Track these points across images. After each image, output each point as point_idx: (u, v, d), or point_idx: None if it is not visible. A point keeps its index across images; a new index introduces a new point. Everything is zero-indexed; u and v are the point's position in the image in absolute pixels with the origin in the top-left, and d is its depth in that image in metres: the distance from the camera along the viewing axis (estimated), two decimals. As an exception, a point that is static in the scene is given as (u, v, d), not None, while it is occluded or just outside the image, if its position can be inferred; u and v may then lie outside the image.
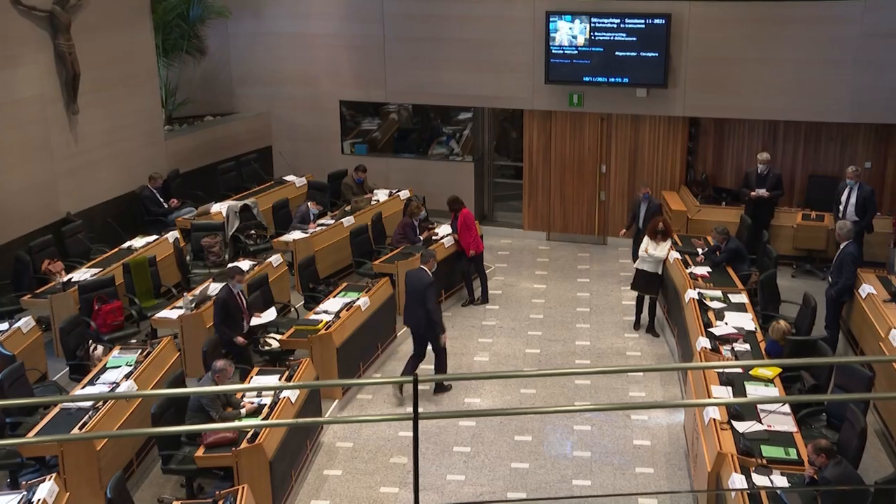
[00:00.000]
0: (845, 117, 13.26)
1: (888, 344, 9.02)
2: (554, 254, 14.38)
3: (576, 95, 14.19)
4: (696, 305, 10.00)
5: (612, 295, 12.73)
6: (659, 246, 11.35)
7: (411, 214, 12.59)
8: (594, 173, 14.55)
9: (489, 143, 15.73)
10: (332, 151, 15.68)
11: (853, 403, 7.64)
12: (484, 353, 11.15)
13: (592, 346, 11.28)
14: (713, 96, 13.65)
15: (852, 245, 10.47)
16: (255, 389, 8.40)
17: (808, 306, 9.82)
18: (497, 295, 12.75)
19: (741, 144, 14.27)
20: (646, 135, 14.24)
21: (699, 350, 8.99)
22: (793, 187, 13.96)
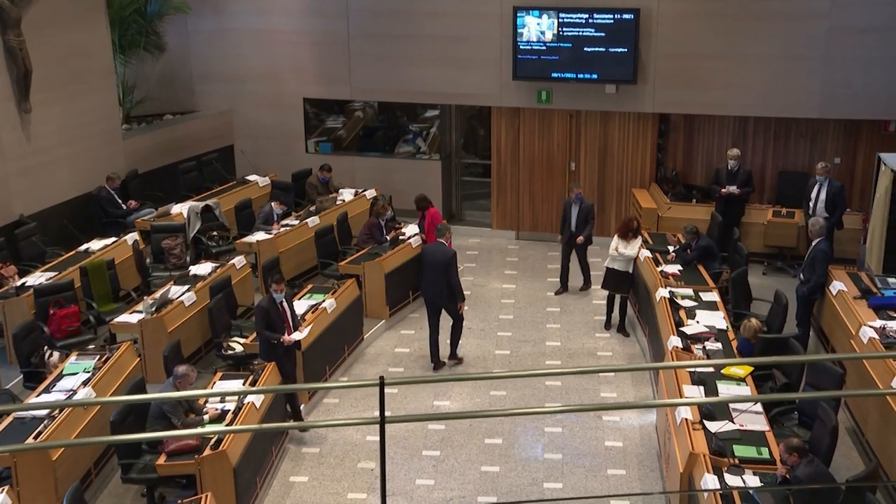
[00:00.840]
0: (815, 113, 13.43)
1: (858, 341, 9.14)
2: (523, 253, 14.41)
3: (544, 92, 14.24)
4: (667, 304, 10.07)
5: (583, 294, 12.78)
6: (629, 244, 11.42)
7: (377, 214, 12.56)
8: (563, 171, 14.61)
9: (457, 141, 15.73)
10: (296, 150, 15.61)
11: (824, 401, 7.73)
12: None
13: (563, 346, 11.31)
14: (683, 92, 13.76)
15: (824, 242, 10.59)
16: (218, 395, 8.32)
17: (780, 304, 9.93)
18: (466, 296, 12.74)
19: (711, 141, 14.40)
20: (615, 131, 14.32)
21: (671, 349, 9.05)
22: (763, 184, 14.11)
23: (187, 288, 10.78)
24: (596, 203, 14.55)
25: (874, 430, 8.49)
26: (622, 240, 11.42)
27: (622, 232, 11.44)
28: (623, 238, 11.41)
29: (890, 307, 9.69)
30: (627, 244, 11.41)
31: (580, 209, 12.18)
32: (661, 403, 9.11)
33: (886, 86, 13.01)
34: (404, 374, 10.64)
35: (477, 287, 13.09)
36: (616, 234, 11.55)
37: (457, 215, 15.75)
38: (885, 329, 9.10)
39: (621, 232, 11.46)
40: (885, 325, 9.19)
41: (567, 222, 12.30)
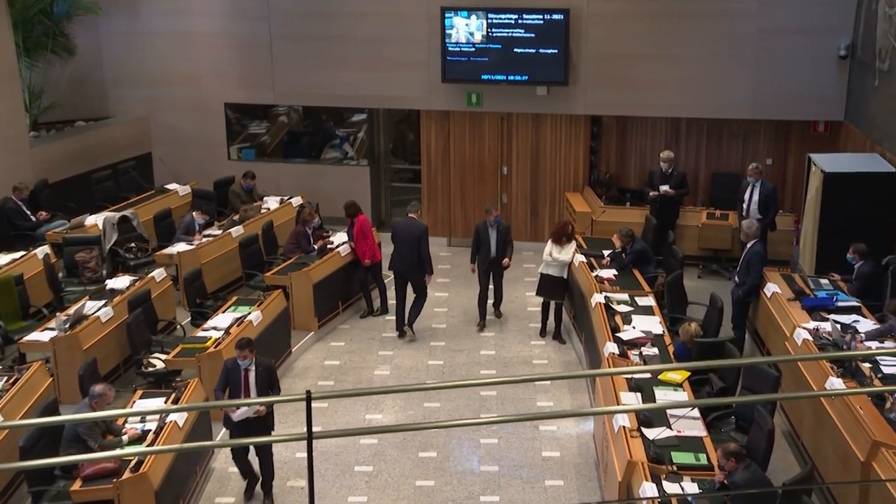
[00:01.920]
0: (746, 114, 13.75)
1: (793, 343, 9.36)
2: (456, 260, 14.44)
3: (474, 94, 14.31)
4: (602, 310, 10.19)
5: (517, 301, 12.86)
6: (564, 249, 11.52)
7: (304, 222, 12.48)
8: (495, 175, 14.70)
9: (385, 146, 15.71)
10: (218, 157, 15.41)
11: (760, 405, 7.90)
12: (385, 366, 11.10)
13: (498, 355, 11.36)
14: (615, 94, 13.96)
15: (759, 244, 10.84)
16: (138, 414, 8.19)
17: (715, 307, 10.12)
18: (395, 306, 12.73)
19: (644, 143, 14.64)
20: (547, 134, 14.46)
21: (607, 356, 9.15)
22: (697, 186, 14.38)
23: (104, 303, 10.56)
24: (529, 207, 14.69)
25: (809, 433, 8.70)
26: (556, 244, 11.52)
27: (556, 236, 11.54)
28: (557, 243, 11.51)
29: (823, 308, 9.94)
30: (562, 249, 11.51)
31: (498, 232, 11.67)
32: (598, 411, 9.20)
33: (815, 86, 13.39)
34: (334, 388, 10.57)
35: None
36: (550, 239, 11.64)
37: (387, 222, 15.71)
38: (819, 330, 9.33)
39: (555, 236, 11.55)
40: (818, 327, 9.42)
41: (485, 247, 11.70)
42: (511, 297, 12.92)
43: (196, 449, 8.58)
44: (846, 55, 13.20)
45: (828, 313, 9.81)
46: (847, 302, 10.07)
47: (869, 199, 11.40)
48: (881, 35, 12.15)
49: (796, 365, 8.99)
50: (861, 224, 11.29)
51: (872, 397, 7.96)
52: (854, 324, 9.46)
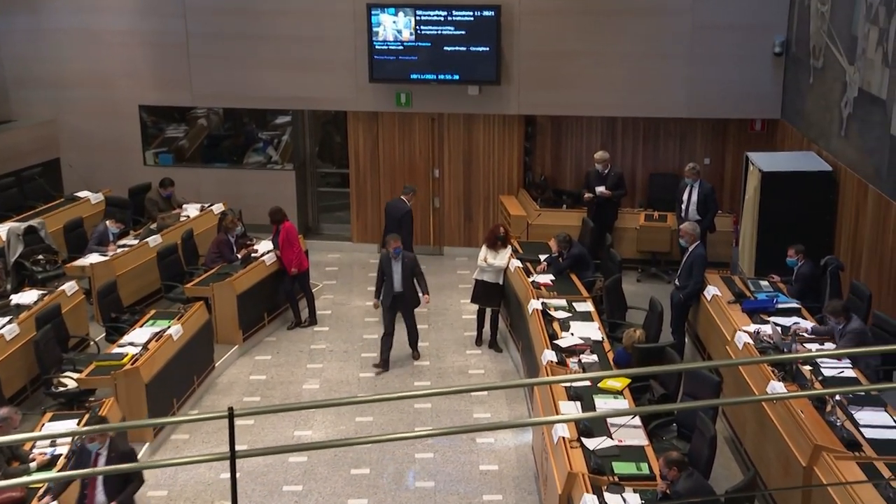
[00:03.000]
0: (682, 112, 13.98)
1: (734, 347, 9.52)
2: (387, 267, 14.40)
3: (403, 94, 14.30)
4: (539, 316, 10.25)
5: (452, 309, 12.87)
6: (499, 254, 11.56)
7: (226, 230, 12.36)
8: (426, 178, 14.71)
9: (311, 149, 15.62)
10: (133, 162, 15.15)
11: (702, 411, 8.01)
12: (314, 379, 11.02)
13: (432, 365, 11.35)
14: (548, 93, 14.08)
15: (701, 247, 11.01)
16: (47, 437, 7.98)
17: (655, 312, 10.24)
18: (326, 315, 12.65)
19: (580, 143, 14.78)
20: (480, 135, 14.52)
21: (545, 364, 9.21)
22: (634, 187, 14.58)
23: (9, 319, 10.29)
24: (462, 211, 14.73)
25: (751, 439, 8.86)
26: (490, 249, 11.56)
27: (490, 241, 11.58)
28: (491, 248, 11.55)
29: (763, 310, 10.14)
30: (496, 254, 11.55)
31: (403, 265, 10.98)
32: (536, 422, 9.25)
33: (751, 84, 13.67)
34: (261, 404, 10.45)
35: (338, 306, 13.00)
36: (484, 244, 11.68)
37: (314, 229, 15.61)
38: (759, 333, 9.51)
39: (489, 241, 11.59)
40: (759, 329, 9.60)
41: (388, 281, 10.98)
42: (445, 305, 12.93)
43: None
44: (781, 52, 13.51)
45: (768, 315, 10.01)
46: (787, 304, 10.29)
47: (806, 199, 11.69)
48: (814, 32, 12.47)
49: (738, 369, 9.15)
50: (799, 224, 11.57)
51: (813, 401, 8.13)
52: (795, 326, 9.67)
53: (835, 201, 11.68)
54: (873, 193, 10.62)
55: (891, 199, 10.20)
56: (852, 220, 11.24)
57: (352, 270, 14.36)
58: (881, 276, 10.45)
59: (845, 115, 11.42)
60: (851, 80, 11.23)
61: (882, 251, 10.44)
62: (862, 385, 8.47)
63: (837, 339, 9.13)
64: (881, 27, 10.46)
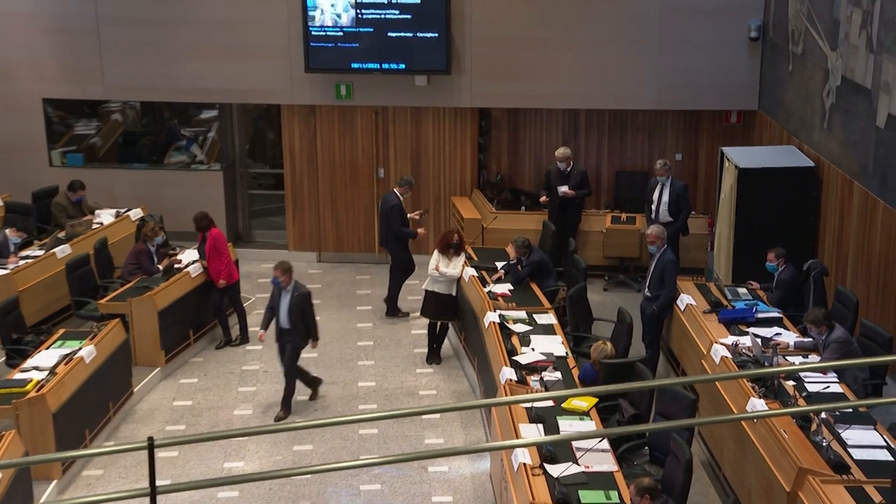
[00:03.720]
0: (651, 104, 14.13)
1: (710, 361, 9.62)
2: (327, 278, 14.37)
3: (344, 86, 14.28)
4: (497, 330, 10.27)
5: (400, 324, 12.87)
6: (452, 262, 11.58)
7: (146, 238, 12.26)
8: (370, 179, 14.69)
9: (241, 147, 15.54)
10: (37, 163, 14.95)
11: (676, 432, 8.08)
12: (246, 404, 10.97)
13: (378, 386, 11.34)
14: (504, 83, 14.14)
15: (670, 252, 11.09)
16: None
17: (624, 323, 10.32)
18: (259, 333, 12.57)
19: (539, 139, 14.87)
20: (429, 130, 14.54)
21: (503, 383, 9.23)
22: (599, 186, 14.70)
23: None
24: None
25: (730, 462, 8.95)
26: (443, 257, 11.57)
27: (441, 247, 11.60)
28: (443, 255, 11.57)
29: (742, 321, 10.25)
30: (449, 262, 11.57)
31: (291, 298, 10.46)
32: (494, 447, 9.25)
33: (725, 72, 13.86)
34: (186, 433, 10.36)
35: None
36: (435, 251, 11.69)
37: (245, 236, 15.52)
38: (738, 346, 9.61)
39: (441, 247, 11.61)
40: (737, 342, 9.70)
41: (277, 314, 10.60)
42: (392, 320, 12.93)
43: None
44: (757, 37, 13.72)
45: (747, 326, 10.12)
46: (767, 313, 10.42)
47: (786, 197, 11.86)
48: (793, 15, 12.68)
49: (715, 386, 9.24)
50: (779, 225, 11.73)
51: (797, 419, 8.24)
52: (776, 337, 9.79)
53: (818, 200, 11.87)
54: (859, 191, 10.80)
55: (878, 196, 10.39)
56: (837, 221, 11.43)
57: (288, 282, 14.31)
58: (868, 281, 10.62)
59: (828, 105, 11.61)
60: (834, 68, 11.43)
61: (869, 254, 10.62)
62: (849, 401, 8.61)
63: (821, 350, 9.26)
64: (864, 9, 10.66)
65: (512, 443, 8.23)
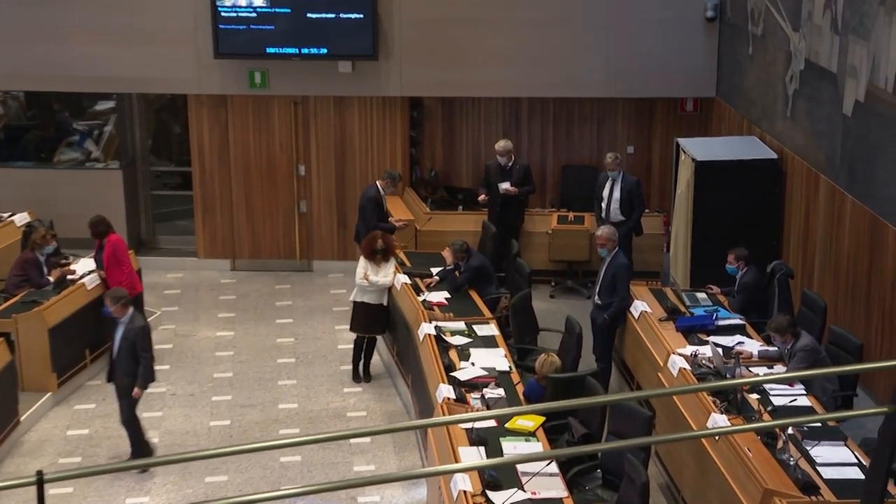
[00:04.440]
0: (600, 91, 14.25)
1: (667, 374, 9.72)
2: (243, 288, 14.29)
3: (258, 73, 14.22)
4: (433, 343, 10.29)
5: (325, 338, 12.85)
6: (381, 269, 11.54)
7: (35, 247, 12.11)
8: (290, 177, 14.63)
9: (143, 143, 15.40)
10: None
11: (631, 452, 8.15)
12: (151, 431, 10.82)
13: (302, 408, 11.30)
14: (438, 70, 14.17)
15: (622, 255, 11.18)
16: None
17: (573, 334, 10.39)
18: (166, 351, 12.49)
19: (477, 131, 14.92)
20: (355, 122, 14.53)
21: (440, 402, 9.25)
22: (544, 182, 14.79)
23: None
24: (335, 216, 14.69)
25: (690, 484, 9.06)
26: (371, 264, 11.52)
27: (367, 254, 11.54)
28: (371, 261, 11.52)
29: (701, 329, 10.37)
30: (378, 269, 11.53)
31: (125, 331, 9.98)
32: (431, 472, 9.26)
33: (680, 56, 14.03)
34: (83, 465, 10.23)
35: (180, 338, 12.84)
36: (361, 258, 11.62)
37: (148, 242, 15.37)
38: (697, 356, 9.72)
39: (366, 254, 11.55)
40: (696, 352, 9.81)
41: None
42: (316, 333, 12.90)
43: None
44: (714, 16, 13.91)
45: (707, 335, 10.25)
46: (729, 320, 10.55)
47: (748, 192, 12.02)
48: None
49: (672, 401, 9.33)
50: (741, 223, 11.88)
51: (762, 436, 8.36)
52: (738, 346, 9.92)
53: (781, 195, 12.05)
54: (825, 184, 11.00)
55: (845, 190, 10.58)
56: (802, 218, 11.62)
57: (198, 293, 14.22)
58: (837, 283, 10.82)
59: (791, 91, 11.81)
60: (797, 50, 11.63)
61: (837, 254, 10.81)
62: (818, 415, 8.75)
63: (787, 360, 9.41)
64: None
65: (450, 468, 8.24)
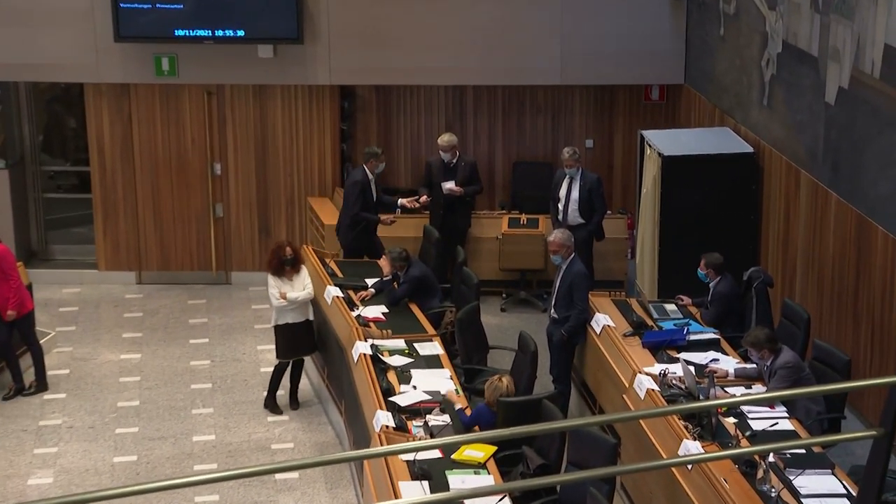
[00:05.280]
0: (555, 79, 14.30)
1: (633, 396, 9.76)
2: (151, 304, 14.20)
3: (166, 59, 14.14)
4: (368, 364, 10.26)
5: (245, 360, 12.80)
6: (295, 282, 11.41)
7: None
8: (204, 177, 14.55)
9: (32, 139, 15.26)
10: None
11: (594, 485, 8.19)
12: (45, 470, 10.82)
13: (220, 440, 11.26)
14: (372, 54, 14.15)
15: (579, 262, 11.19)
16: None
17: (527, 352, 10.41)
18: (62, 376, 12.40)
19: (417, 123, 14.92)
20: (277, 115, 14.48)
21: (378, 430, 9.23)
22: (493, 181, 14.81)
23: None
24: (256, 222, 14.64)
25: (662, 518, 9.12)
26: (282, 279, 11.35)
27: (275, 268, 11.32)
28: (280, 277, 11.35)
29: (671, 345, 10.43)
30: (292, 282, 11.41)
31: None
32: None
33: (644, 39, 14.11)
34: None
35: (79, 362, 12.74)
36: (269, 277, 11.41)
37: (40, 253, 15.22)
38: (666, 376, 9.75)
39: (274, 269, 11.32)
40: (665, 371, 9.84)
41: None
42: (236, 355, 12.86)
43: None
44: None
45: (677, 351, 10.32)
46: (701, 334, 10.62)
47: (721, 190, 12.11)
48: (725, -34, 13.02)
49: (639, 426, 9.38)
50: (714, 225, 11.97)
51: (740, 464, 8.43)
52: (713, 363, 9.99)
53: (758, 193, 12.17)
54: (807, 181, 11.12)
55: (829, 188, 10.70)
56: (782, 219, 11.74)
57: (99, 310, 14.13)
58: (821, 292, 10.94)
59: (767, 77, 11.94)
60: (773, 31, 11.76)
61: (821, 258, 10.93)
62: (802, 439, 8.84)
63: (766, 379, 9.49)
64: (808, -40, 10.99)
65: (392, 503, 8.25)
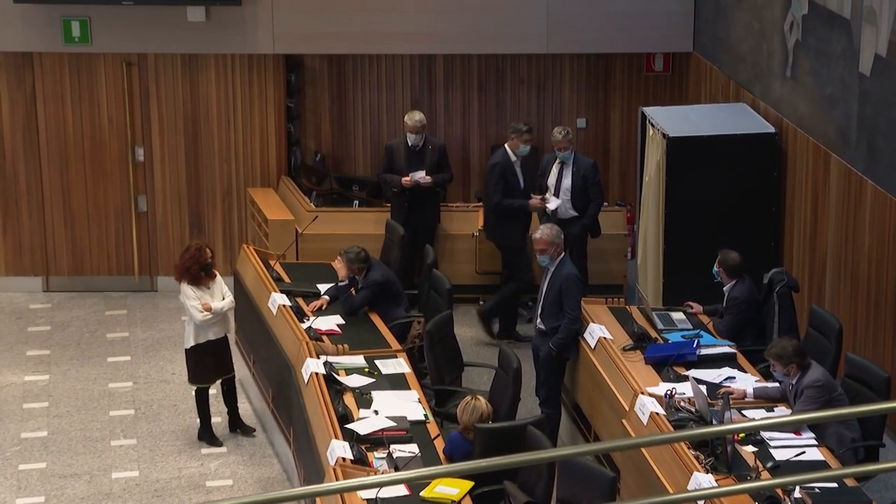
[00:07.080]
0: (541, 47, 14.33)
1: (634, 420, 9.80)
2: (60, 315, 14.19)
3: (76, 23, 14.12)
4: (321, 385, 10.28)
5: (175, 381, 12.80)
6: (215, 290, 11.42)
7: None
8: (124, 164, 14.54)
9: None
10: None
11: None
12: (-62, 514, 10.80)
13: (144, 478, 11.28)
14: (322, 17, 14.16)
15: (569, 263, 11.20)
16: None
17: (508, 369, 10.43)
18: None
19: (377, 100, 14.91)
20: (211, 89, 14.47)
21: (333, 463, 9.26)
22: (467, 168, 14.83)
23: None
24: (187, 216, 14.63)
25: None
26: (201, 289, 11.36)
27: (193, 276, 11.37)
28: (199, 286, 11.37)
29: (678, 361, 10.47)
30: (210, 292, 11.41)
31: None
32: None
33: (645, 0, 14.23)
34: None
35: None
36: (185, 287, 11.42)
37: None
38: (674, 397, 9.77)
39: (192, 277, 11.37)
40: (672, 390, 9.85)
41: None
42: (163, 376, 12.85)
43: None
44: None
45: (686, 368, 10.37)
46: (715, 348, 10.68)
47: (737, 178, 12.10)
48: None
49: (641, 456, 9.43)
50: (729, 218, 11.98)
51: (760, 500, 8.49)
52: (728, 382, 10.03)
53: (781, 181, 12.18)
54: (838, 166, 11.14)
55: (863, 174, 10.72)
56: (809, 211, 11.76)
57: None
58: (855, 297, 10.96)
59: (791, 43, 11.96)
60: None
61: (855, 258, 10.96)
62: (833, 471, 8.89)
63: (792, 400, 9.54)
64: None
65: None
